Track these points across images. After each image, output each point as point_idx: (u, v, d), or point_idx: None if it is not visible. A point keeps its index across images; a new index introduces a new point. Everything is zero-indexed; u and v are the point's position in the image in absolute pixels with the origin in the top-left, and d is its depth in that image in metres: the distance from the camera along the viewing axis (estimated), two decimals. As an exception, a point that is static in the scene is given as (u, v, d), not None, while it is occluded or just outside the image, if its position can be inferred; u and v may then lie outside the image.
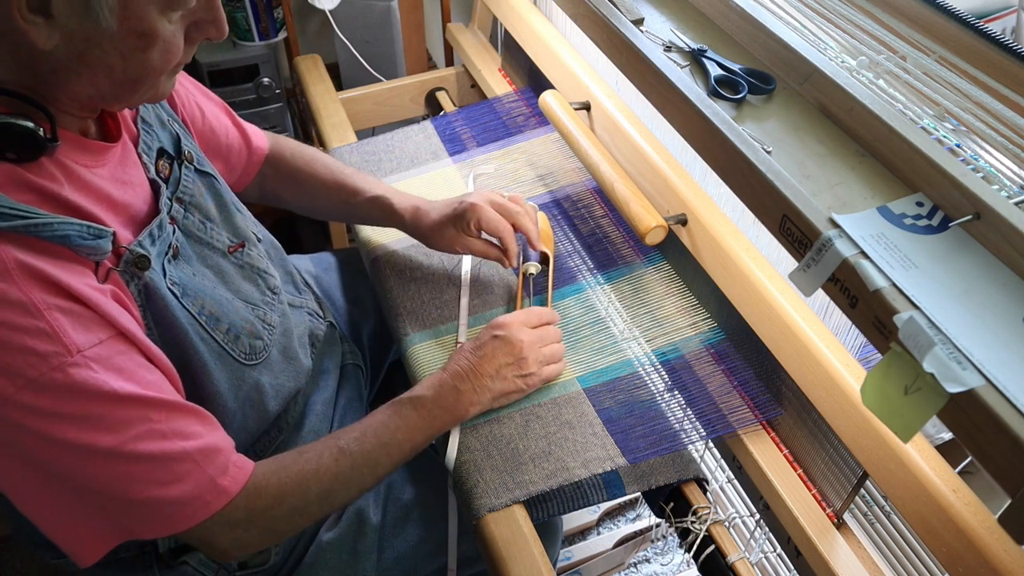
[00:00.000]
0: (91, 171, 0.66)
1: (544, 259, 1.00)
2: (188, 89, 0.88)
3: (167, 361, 0.68)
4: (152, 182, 0.73)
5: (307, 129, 1.66)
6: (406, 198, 0.99)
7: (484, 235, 0.96)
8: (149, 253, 0.67)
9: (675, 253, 0.97)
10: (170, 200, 0.74)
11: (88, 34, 0.57)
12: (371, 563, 0.88)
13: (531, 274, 0.98)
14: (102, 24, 0.57)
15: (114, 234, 0.64)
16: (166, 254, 0.71)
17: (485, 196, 0.95)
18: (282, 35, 1.58)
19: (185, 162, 0.78)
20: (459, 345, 0.93)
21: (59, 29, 0.56)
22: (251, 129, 0.98)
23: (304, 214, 1.05)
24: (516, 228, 0.95)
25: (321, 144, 1.30)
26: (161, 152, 0.76)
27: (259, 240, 0.87)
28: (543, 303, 0.97)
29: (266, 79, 1.61)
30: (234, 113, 0.96)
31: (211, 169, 0.82)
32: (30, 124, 0.59)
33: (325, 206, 1.03)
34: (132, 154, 0.72)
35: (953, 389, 0.51)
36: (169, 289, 0.69)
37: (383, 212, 0.99)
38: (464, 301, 0.99)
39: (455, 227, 0.94)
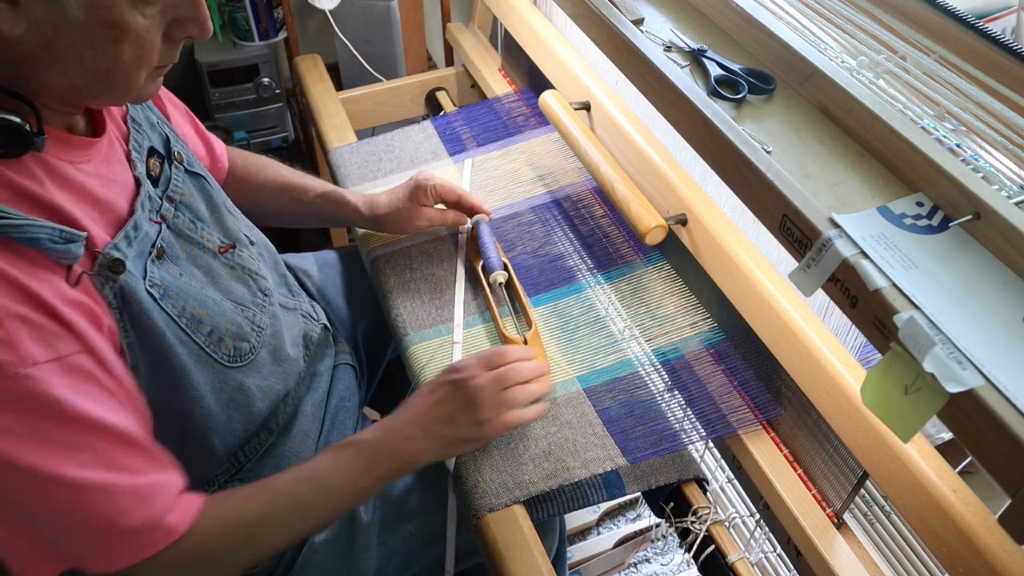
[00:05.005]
0: (76, 167, 0.65)
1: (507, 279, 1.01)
2: (160, 99, 0.88)
3: (129, 382, 0.66)
4: (136, 179, 0.72)
5: (307, 129, 1.66)
6: (356, 192, 1.03)
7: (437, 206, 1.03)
8: (125, 256, 0.66)
9: (675, 253, 0.97)
10: (159, 199, 0.74)
11: (54, 22, 0.56)
12: (365, 560, 0.87)
13: (499, 283, 0.98)
14: (68, 12, 0.56)
15: (88, 238, 0.63)
16: (149, 254, 0.70)
17: (431, 172, 1.02)
18: (282, 35, 1.59)
19: (175, 162, 0.78)
20: (455, 344, 0.94)
21: (25, 15, 0.55)
22: (216, 141, 0.98)
23: (258, 221, 1.00)
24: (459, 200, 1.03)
25: (321, 144, 1.30)
26: (152, 151, 0.75)
27: (252, 243, 0.87)
28: (518, 311, 0.97)
29: (266, 79, 1.61)
30: (200, 124, 0.96)
31: (201, 170, 0.82)
32: (16, 118, 0.58)
33: (277, 208, 1.04)
34: (118, 152, 0.72)
35: (953, 389, 0.51)
36: (148, 291, 0.68)
37: (335, 206, 1.02)
38: (459, 301, 0.99)
39: (412, 200, 1.00)
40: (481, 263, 1.00)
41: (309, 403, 0.91)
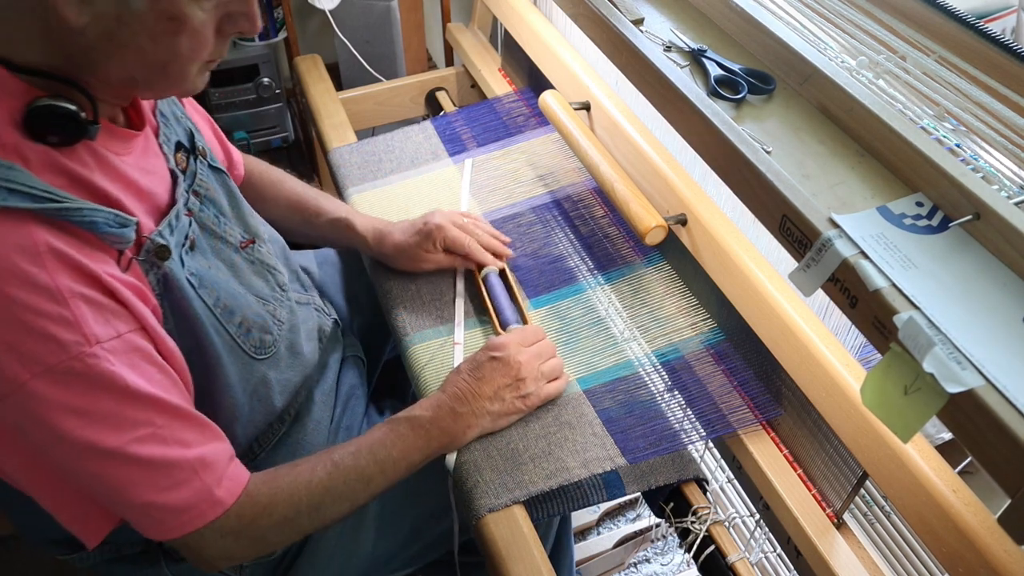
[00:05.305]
0: (120, 158, 0.67)
1: (500, 271, 1.01)
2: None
3: (180, 356, 0.69)
4: (171, 172, 0.74)
5: (307, 129, 1.66)
6: (367, 220, 1.02)
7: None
8: (169, 243, 0.68)
9: (675, 253, 0.97)
10: (187, 192, 0.75)
11: (119, 13, 0.58)
12: (370, 538, 0.89)
13: (489, 273, 0.98)
14: (131, 4, 0.57)
15: (137, 223, 0.65)
16: (183, 245, 0.71)
17: (448, 216, 0.99)
18: (282, 35, 1.59)
19: (200, 156, 0.79)
20: (456, 345, 0.94)
21: (90, 6, 0.57)
22: (234, 151, 0.99)
23: None
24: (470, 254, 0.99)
25: (321, 144, 1.30)
26: (179, 145, 0.77)
27: (267, 239, 0.88)
28: (518, 312, 0.97)
29: (266, 79, 1.61)
30: (220, 131, 0.97)
31: (222, 166, 0.83)
32: (73, 106, 0.60)
33: (289, 225, 1.04)
34: (153, 144, 0.73)
35: (953, 389, 0.51)
36: (187, 280, 0.70)
37: (344, 233, 1.02)
38: (459, 302, 0.99)
39: (419, 248, 0.98)
40: (483, 274, 1.00)
41: (319, 393, 0.93)
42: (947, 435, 0.86)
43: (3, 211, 0.56)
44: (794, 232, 0.65)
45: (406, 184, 1.16)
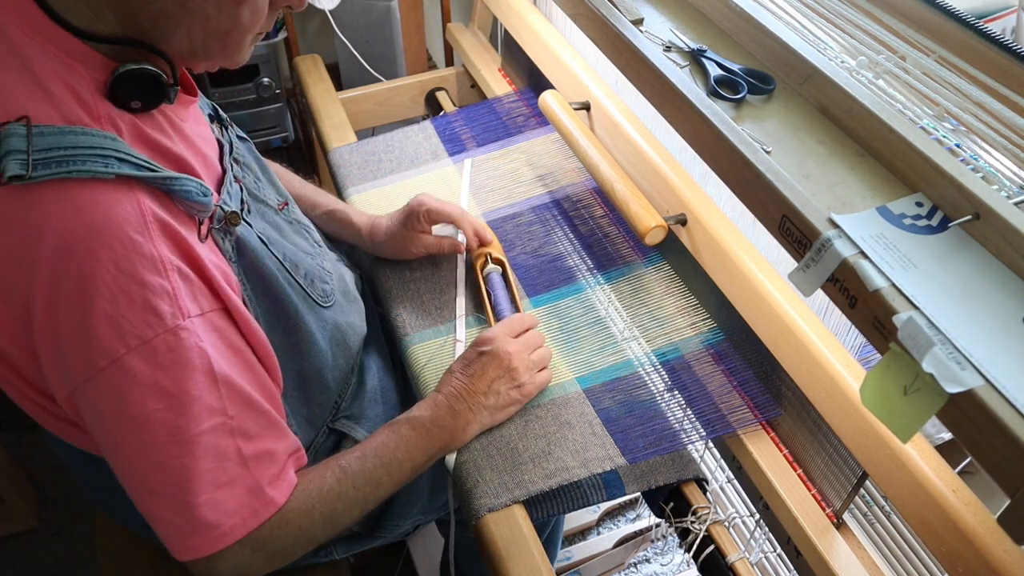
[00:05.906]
0: (184, 124, 0.67)
1: (499, 264, 1.01)
2: None
3: (260, 332, 0.68)
4: (218, 141, 0.74)
5: (307, 129, 1.66)
6: (362, 213, 1.04)
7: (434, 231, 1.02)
8: (235, 208, 0.69)
9: (675, 253, 0.97)
10: (230, 160, 0.76)
11: None
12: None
13: (491, 272, 0.98)
14: None
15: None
16: (242, 209, 0.72)
17: (429, 196, 1.00)
18: (282, 35, 1.59)
19: (229, 126, 0.80)
20: (457, 343, 0.94)
21: None
22: None
23: None
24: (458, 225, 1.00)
25: (321, 144, 1.30)
26: (210, 116, 0.78)
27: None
28: (515, 311, 0.97)
29: (266, 79, 1.61)
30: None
31: (246, 136, 0.84)
32: (155, 68, 0.60)
33: None
34: (201, 113, 0.74)
35: (952, 389, 0.51)
36: (259, 238, 0.71)
37: (340, 224, 1.03)
38: (460, 300, 0.99)
39: (407, 227, 0.99)
40: (483, 269, 1.00)
41: (371, 338, 0.95)
42: (947, 435, 0.86)
43: (115, 180, 0.57)
44: (794, 232, 0.65)
45: (406, 184, 1.16)
